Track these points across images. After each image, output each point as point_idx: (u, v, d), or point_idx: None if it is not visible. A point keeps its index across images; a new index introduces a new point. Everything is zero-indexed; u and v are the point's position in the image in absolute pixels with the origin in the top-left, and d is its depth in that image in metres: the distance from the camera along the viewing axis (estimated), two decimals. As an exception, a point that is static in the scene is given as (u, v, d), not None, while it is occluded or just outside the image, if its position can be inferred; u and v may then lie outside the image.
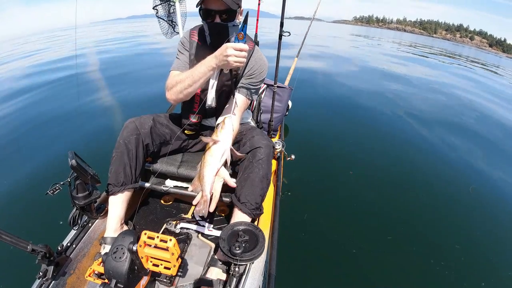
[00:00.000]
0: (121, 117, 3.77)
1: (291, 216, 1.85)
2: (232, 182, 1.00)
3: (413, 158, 2.82)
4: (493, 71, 13.02)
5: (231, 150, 0.99)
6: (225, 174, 0.97)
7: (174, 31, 2.03)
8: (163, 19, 1.98)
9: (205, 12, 1.06)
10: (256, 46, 1.24)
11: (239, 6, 1.07)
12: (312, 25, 2.94)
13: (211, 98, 1.24)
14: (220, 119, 1.01)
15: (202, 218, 1.34)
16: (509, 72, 14.40)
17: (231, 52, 0.90)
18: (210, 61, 0.97)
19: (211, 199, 0.94)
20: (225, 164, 0.98)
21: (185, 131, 1.33)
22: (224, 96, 1.24)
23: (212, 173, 0.93)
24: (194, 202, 0.94)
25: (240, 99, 1.19)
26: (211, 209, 0.93)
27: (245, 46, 0.90)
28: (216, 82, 1.21)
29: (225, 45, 0.91)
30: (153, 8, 1.93)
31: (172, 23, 2.01)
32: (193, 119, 1.27)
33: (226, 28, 1.06)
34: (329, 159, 2.65)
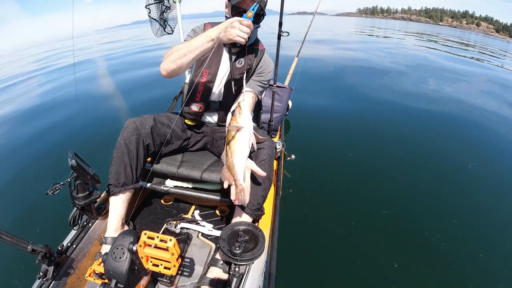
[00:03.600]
0: (121, 116, 3.77)
1: (291, 216, 1.85)
2: (260, 171, 0.97)
3: (421, 162, 2.66)
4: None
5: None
6: (252, 165, 0.97)
7: (165, 31, 2.05)
8: (155, 20, 2.00)
9: (237, 10, 1.09)
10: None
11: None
12: (315, 20, 2.83)
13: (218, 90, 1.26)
14: (234, 106, 1.00)
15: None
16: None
17: (237, 25, 0.92)
18: (211, 32, 0.97)
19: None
20: (252, 151, 0.98)
21: (185, 120, 1.33)
22: (232, 92, 1.25)
23: (243, 161, 0.92)
24: (232, 198, 0.94)
25: (249, 95, 1.20)
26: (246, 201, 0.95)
27: (251, 24, 0.93)
28: (228, 72, 1.22)
29: (233, 18, 0.94)
30: (146, 7, 1.95)
31: (164, 24, 2.04)
32: (194, 108, 1.28)
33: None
34: (329, 158, 2.64)
